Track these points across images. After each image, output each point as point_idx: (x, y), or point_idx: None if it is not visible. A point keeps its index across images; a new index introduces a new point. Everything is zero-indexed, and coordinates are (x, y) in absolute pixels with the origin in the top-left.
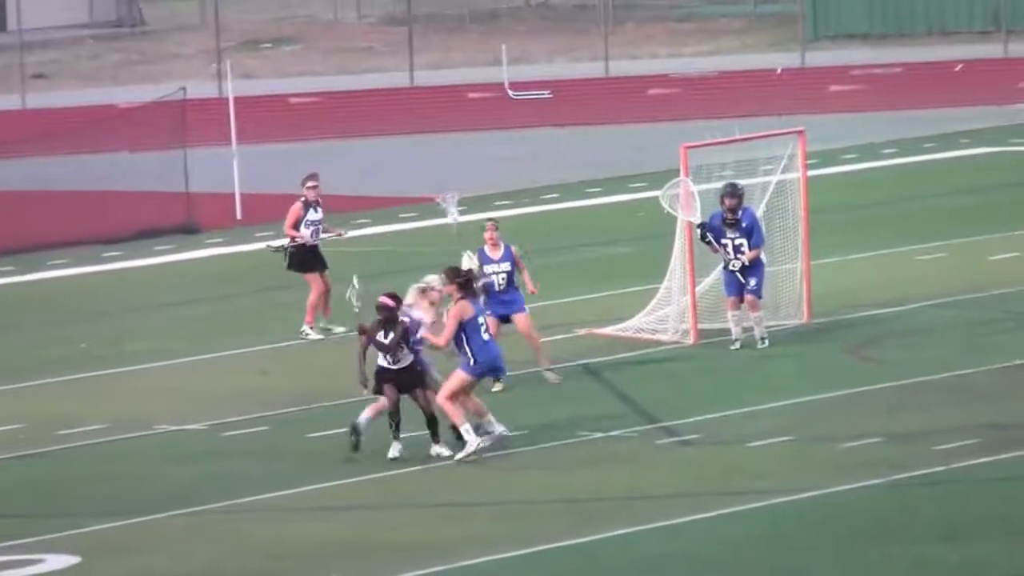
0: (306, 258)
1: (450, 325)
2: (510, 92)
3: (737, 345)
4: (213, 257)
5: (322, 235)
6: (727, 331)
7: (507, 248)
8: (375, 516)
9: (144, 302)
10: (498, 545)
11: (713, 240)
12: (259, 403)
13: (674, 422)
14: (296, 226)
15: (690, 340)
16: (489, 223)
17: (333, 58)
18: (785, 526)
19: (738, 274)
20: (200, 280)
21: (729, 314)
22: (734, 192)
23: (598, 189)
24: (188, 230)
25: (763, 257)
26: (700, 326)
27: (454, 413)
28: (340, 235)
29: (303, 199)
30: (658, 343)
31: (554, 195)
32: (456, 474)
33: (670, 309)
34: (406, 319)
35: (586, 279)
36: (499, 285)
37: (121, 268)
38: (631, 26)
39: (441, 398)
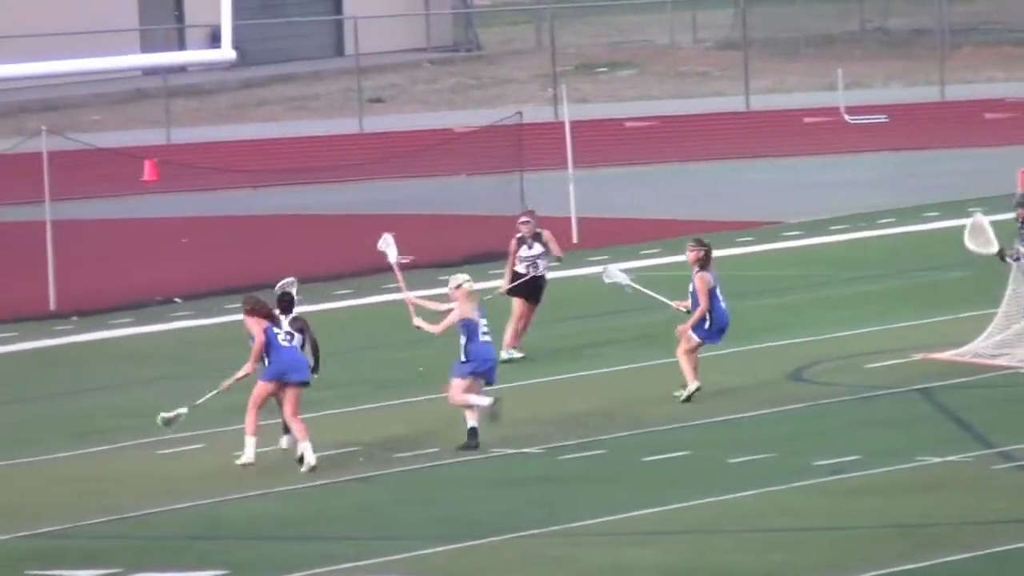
0: (521, 288)
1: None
2: (846, 116)
3: None
4: (549, 281)
5: (535, 270)
6: None
7: None
8: (707, 540)
9: None
10: (826, 571)
11: (1010, 257)
12: (596, 427)
13: (1012, 447)
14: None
15: None
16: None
17: (669, 82)
18: None
19: None
20: None
21: None
22: (1022, 202)
23: (935, 213)
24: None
25: None
26: None
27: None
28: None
29: (519, 235)
30: (997, 368)
31: (890, 219)
32: (788, 499)
33: (1009, 334)
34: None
35: (920, 304)
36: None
37: None
38: (968, 50)
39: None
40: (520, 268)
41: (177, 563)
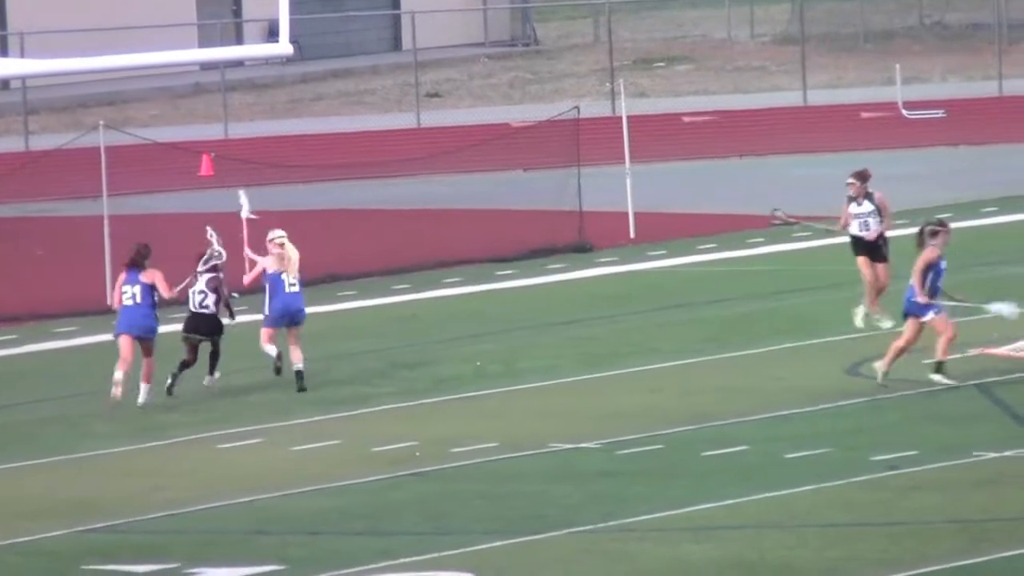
0: (857, 247)
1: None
2: (904, 111)
3: None
4: (605, 276)
5: (867, 230)
6: None
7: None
8: (765, 535)
9: (536, 321)
10: (885, 566)
11: None
12: (653, 422)
13: None
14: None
15: None
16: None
17: (726, 77)
18: None
19: None
20: (592, 299)
21: None
22: None
23: (993, 208)
24: (581, 249)
25: None
26: None
27: None
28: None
29: (848, 195)
30: None
31: (948, 214)
32: (845, 494)
33: None
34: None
35: (978, 299)
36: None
37: (514, 287)
38: None
39: None
40: (854, 227)
41: (235, 558)
